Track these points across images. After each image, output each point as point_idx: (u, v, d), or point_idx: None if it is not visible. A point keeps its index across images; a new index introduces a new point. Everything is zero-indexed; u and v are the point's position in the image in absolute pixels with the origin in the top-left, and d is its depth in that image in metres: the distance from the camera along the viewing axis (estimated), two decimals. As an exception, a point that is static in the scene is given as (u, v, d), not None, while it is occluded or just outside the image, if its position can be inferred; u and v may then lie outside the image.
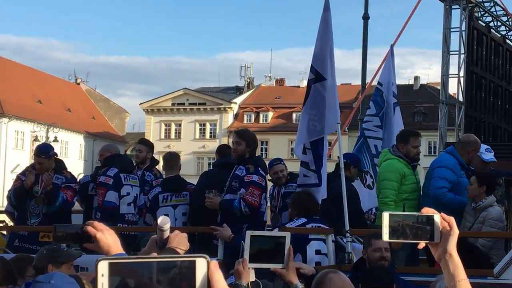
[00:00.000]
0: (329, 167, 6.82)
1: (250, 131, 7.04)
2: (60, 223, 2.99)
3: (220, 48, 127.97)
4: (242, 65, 65.89)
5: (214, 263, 1.13)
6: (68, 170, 7.93)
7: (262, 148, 59.14)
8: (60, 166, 7.63)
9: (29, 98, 56.35)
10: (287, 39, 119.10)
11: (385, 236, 1.90)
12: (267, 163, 7.24)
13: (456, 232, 1.92)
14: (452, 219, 1.94)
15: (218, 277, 1.12)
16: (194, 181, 7.57)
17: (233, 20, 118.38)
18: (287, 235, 3.16)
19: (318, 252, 6.06)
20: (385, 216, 1.90)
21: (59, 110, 59.38)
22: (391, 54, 8.72)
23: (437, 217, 1.92)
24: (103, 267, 1.09)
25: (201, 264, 1.09)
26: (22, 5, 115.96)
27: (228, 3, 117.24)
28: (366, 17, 16.59)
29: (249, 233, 3.14)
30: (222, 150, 7.69)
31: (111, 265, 1.09)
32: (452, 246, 1.91)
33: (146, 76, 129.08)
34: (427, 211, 1.93)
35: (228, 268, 5.82)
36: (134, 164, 8.12)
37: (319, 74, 6.65)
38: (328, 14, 6.68)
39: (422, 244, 1.93)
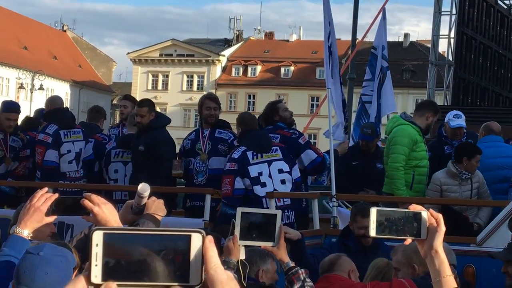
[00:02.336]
0: (318, 123, 6.94)
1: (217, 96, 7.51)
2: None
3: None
4: (231, 17, 65.38)
5: (210, 239, 1.14)
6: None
7: (249, 102, 59.05)
8: (16, 127, 7.52)
9: (15, 44, 55.63)
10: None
11: (372, 232, 1.92)
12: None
13: (442, 229, 1.92)
14: (439, 216, 1.94)
15: (212, 253, 1.13)
16: (180, 133, 7.56)
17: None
18: (278, 213, 3.15)
19: (280, 171, 6.28)
20: (373, 211, 1.91)
21: (45, 57, 58.73)
22: (383, 17, 8.65)
23: (425, 214, 1.93)
24: (97, 237, 1.09)
25: (196, 239, 1.10)
26: None
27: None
28: (358, -26, 16.33)
29: (240, 210, 3.11)
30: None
31: (105, 235, 1.09)
32: (438, 242, 1.92)
33: (133, 25, 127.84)
34: (414, 207, 1.94)
35: (213, 230, 5.88)
36: (118, 121, 8.05)
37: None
38: None
39: (408, 240, 1.94)
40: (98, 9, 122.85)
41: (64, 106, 8.04)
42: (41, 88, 44.32)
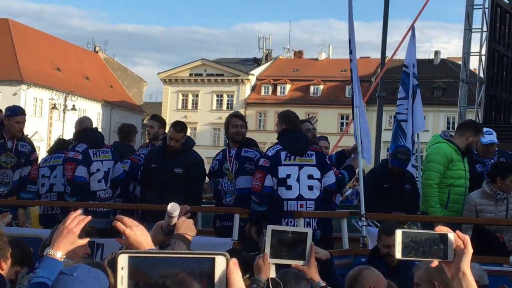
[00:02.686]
0: (348, 142, 6.88)
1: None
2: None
3: (237, 18, 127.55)
4: (260, 36, 65.68)
5: (234, 261, 1.14)
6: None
7: (279, 121, 59.04)
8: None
9: (48, 66, 56.56)
10: (304, 10, 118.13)
11: (398, 254, 1.90)
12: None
13: (470, 251, 1.90)
14: (467, 238, 1.92)
15: (236, 276, 1.14)
16: (210, 152, 7.55)
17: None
18: (309, 231, 3.13)
19: (310, 176, 6.24)
20: (398, 233, 1.90)
21: (77, 78, 59.57)
22: (412, 34, 8.62)
23: (451, 235, 1.91)
24: (123, 261, 1.10)
25: (221, 262, 1.11)
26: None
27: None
28: (387, -8, 16.34)
29: (270, 228, 3.10)
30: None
31: (130, 259, 1.11)
32: (466, 264, 1.89)
33: (163, 45, 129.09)
34: (440, 229, 1.92)
35: (244, 248, 5.87)
36: (147, 140, 8.13)
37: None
38: None
39: (435, 263, 1.91)
40: (128, 30, 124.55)
41: (93, 127, 8.16)
42: (73, 108, 44.86)
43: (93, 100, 60.27)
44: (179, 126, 7.00)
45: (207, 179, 7.11)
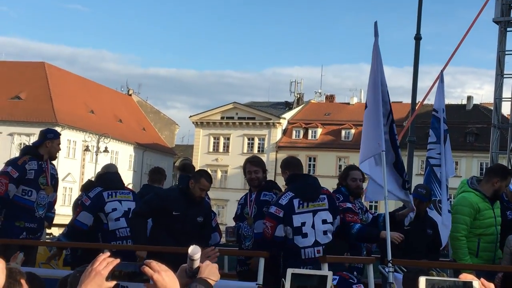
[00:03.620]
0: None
1: (261, 159, 7.42)
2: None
3: (268, 62, 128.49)
4: (292, 80, 66.14)
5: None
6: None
7: (310, 165, 58.99)
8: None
9: (82, 108, 57.50)
10: (335, 55, 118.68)
11: None
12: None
13: None
14: (491, 286, 1.89)
15: None
16: (241, 195, 7.49)
17: (281, 35, 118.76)
18: (329, 274, 3.11)
19: (324, 221, 6.21)
20: (421, 280, 1.88)
21: (110, 120, 60.42)
22: (441, 80, 8.61)
23: (476, 283, 1.89)
24: None
25: None
26: (75, 17, 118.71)
27: (276, 18, 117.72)
28: (418, 38, 16.38)
29: (289, 271, 3.09)
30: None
31: None
32: None
33: (195, 89, 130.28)
34: (465, 277, 1.89)
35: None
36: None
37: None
38: (376, 40, 6.67)
39: None
40: (161, 73, 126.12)
41: (116, 171, 8.23)
42: (106, 150, 45.39)
43: (126, 142, 60.95)
44: (210, 177, 6.85)
45: (233, 223, 7.10)
